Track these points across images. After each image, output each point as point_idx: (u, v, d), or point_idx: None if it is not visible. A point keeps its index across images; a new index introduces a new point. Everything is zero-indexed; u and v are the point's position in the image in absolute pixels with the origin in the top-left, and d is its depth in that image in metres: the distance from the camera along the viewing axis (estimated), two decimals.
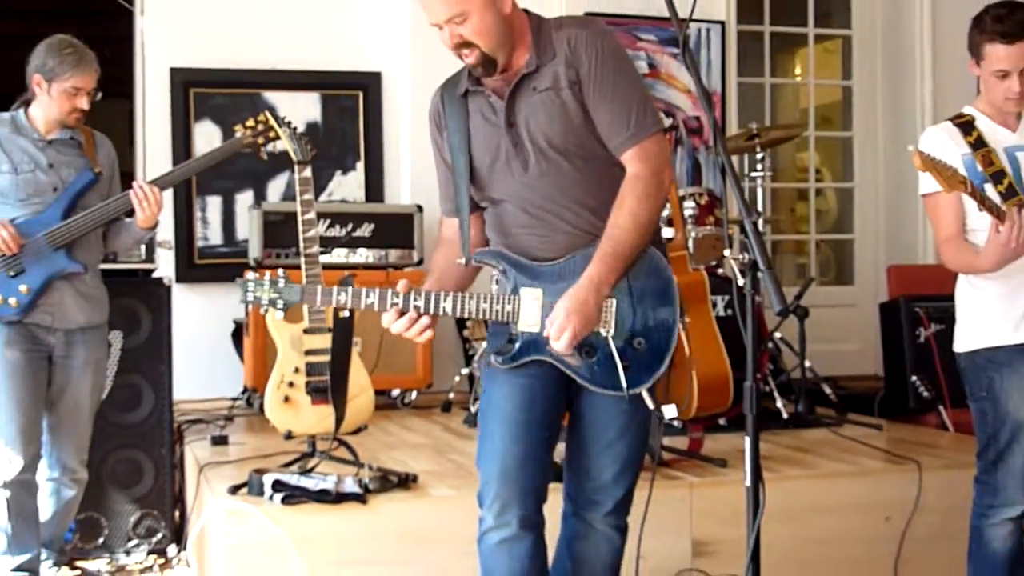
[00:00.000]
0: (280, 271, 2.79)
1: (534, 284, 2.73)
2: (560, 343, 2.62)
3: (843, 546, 4.02)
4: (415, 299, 2.67)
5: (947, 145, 3.28)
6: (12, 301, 3.78)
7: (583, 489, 2.89)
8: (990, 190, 3.20)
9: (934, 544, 4.03)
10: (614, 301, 2.71)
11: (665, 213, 4.62)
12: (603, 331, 2.71)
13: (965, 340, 3.37)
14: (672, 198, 4.64)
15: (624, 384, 2.71)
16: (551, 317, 2.64)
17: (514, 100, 2.74)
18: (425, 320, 2.68)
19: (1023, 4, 3.23)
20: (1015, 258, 3.08)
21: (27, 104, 3.95)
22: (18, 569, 3.87)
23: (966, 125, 3.30)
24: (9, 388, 3.81)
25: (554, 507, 2.92)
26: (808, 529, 3.97)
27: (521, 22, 2.76)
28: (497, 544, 2.76)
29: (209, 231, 6.12)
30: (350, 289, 2.72)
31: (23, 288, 3.79)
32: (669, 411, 2.82)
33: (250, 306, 2.76)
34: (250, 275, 2.79)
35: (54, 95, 3.86)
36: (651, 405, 2.77)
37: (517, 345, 2.73)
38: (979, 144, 3.26)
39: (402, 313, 2.67)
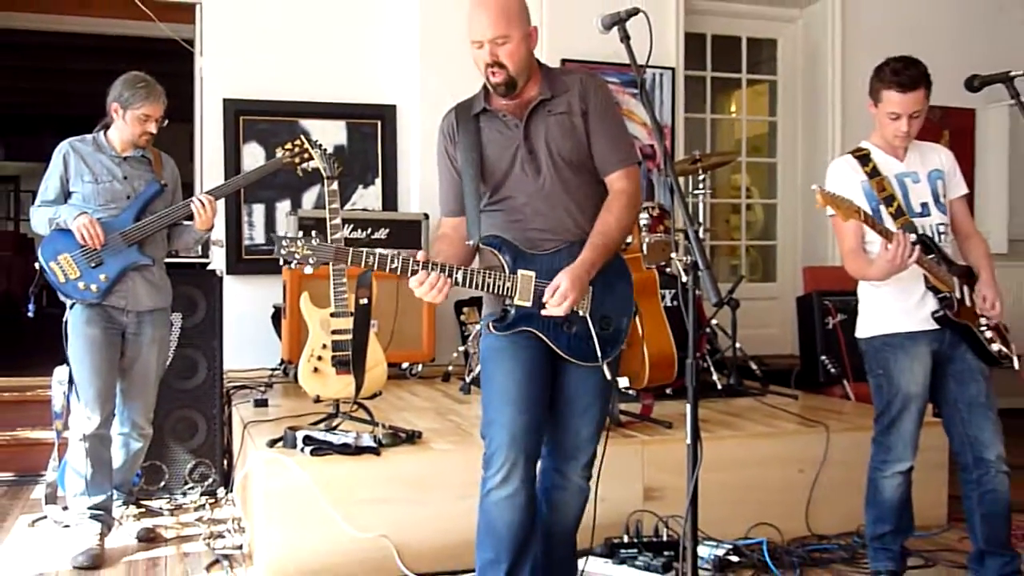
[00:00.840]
0: (314, 232, 2.71)
1: (529, 268, 2.72)
2: (560, 308, 2.63)
3: (765, 492, 4.04)
4: (432, 267, 2.63)
5: (850, 173, 3.31)
6: (93, 287, 3.77)
7: (564, 447, 2.88)
8: (884, 211, 3.23)
9: (838, 491, 4.06)
10: (592, 288, 2.73)
11: None
12: (581, 311, 2.73)
13: (866, 327, 3.39)
14: None
15: (599, 355, 2.73)
16: (552, 287, 2.64)
17: (531, 119, 2.78)
18: (442, 283, 2.61)
19: (917, 60, 3.24)
20: (899, 271, 3.11)
21: (106, 127, 3.93)
22: (94, 507, 3.86)
23: (863, 157, 3.32)
24: (89, 359, 3.80)
25: None
26: (737, 478, 3.98)
27: (535, 64, 2.82)
28: (502, 499, 2.72)
29: (254, 232, 6.10)
30: (377, 253, 2.65)
31: (102, 277, 3.78)
32: (623, 382, 2.84)
33: (283, 261, 2.63)
34: (287, 233, 2.67)
35: (128, 120, 3.84)
36: (609, 375, 2.79)
37: (511, 317, 2.73)
38: (874, 173, 3.29)
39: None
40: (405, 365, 5.59)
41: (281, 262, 2.67)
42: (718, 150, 6.99)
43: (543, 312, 2.67)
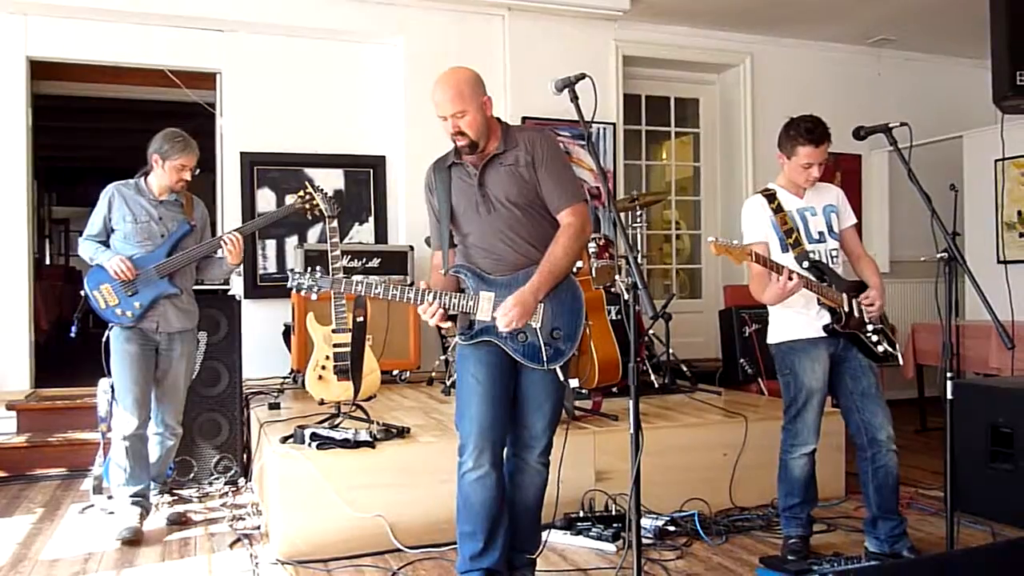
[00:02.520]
0: (319, 268, 2.84)
1: (489, 290, 2.77)
2: (505, 323, 2.70)
3: (695, 472, 4.05)
4: (408, 291, 2.75)
5: (760, 210, 3.36)
6: (128, 313, 3.75)
7: (521, 438, 2.90)
8: (786, 240, 3.29)
9: (755, 471, 4.08)
10: (542, 305, 2.77)
11: None
12: (534, 324, 2.76)
13: (775, 335, 3.42)
14: None
15: (545, 360, 2.76)
16: (501, 307, 2.72)
17: (486, 170, 2.82)
18: (440, 312, 2.75)
19: (821, 119, 3.29)
20: (786, 298, 3.18)
21: (146, 175, 3.91)
22: (134, 495, 3.83)
23: (770, 196, 3.37)
24: (129, 371, 3.77)
25: None
26: (672, 461, 3.99)
27: (494, 123, 2.87)
28: (475, 480, 2.78)
29: (267, 263, 6.06)
30: (364, 282, 2.82)
31: (136, 304, 3.75)
32: (573, 382, 2.91)
33: (294, 290, 2.82)
34: (297, 268, 2.85)
35: (166, 169, 3.83)
36: (562, 377, 2.82)
37: (474, 329, 2.79)
38: (779, 209, 3.33)
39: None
40: (395, 372, 5.56)
41: (294, 290, 2.82)
42: (652, 190, 7.04)
43: (497, 327, 2.74)
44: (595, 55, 6.44)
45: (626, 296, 4.53)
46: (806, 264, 3.23)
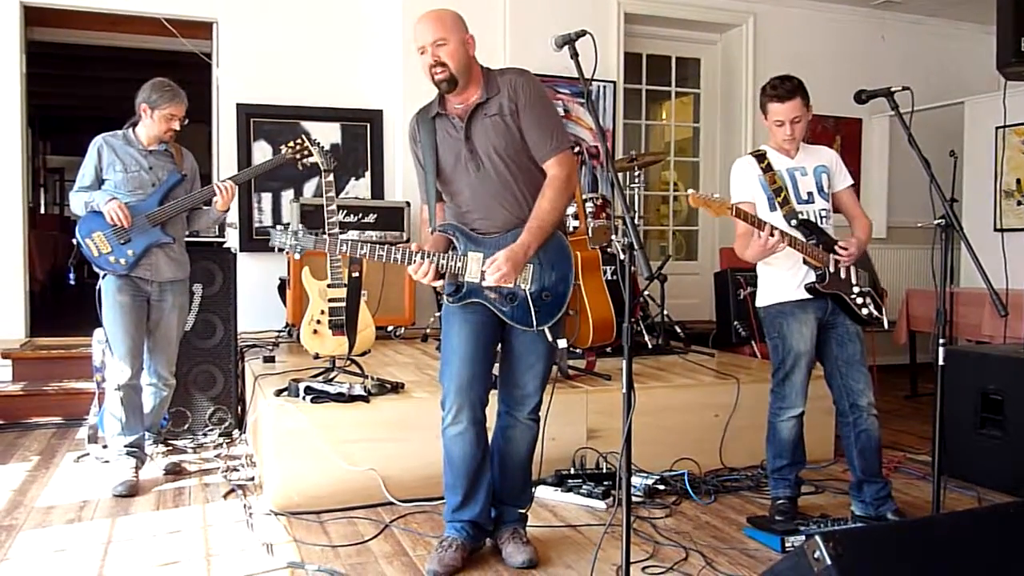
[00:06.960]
0: (301, 226, 2.79)
1: (478, 250, 2.74)
2: (495, 279, 2.65)
3: (687, 433, 4.07)
4: (395, 252, 2.68)
5: (748, 169, 3.34)
6: (122, 261, 3.73)
7: (512, 396, 2.91)
8: (774, 199, 3.28)
9: (745, 432, 4.10)
10: (531, 266, 2.74)
11: (572, 210, 4.63)
12: (523, 284, 2.73)
13: (764, 297, 3.41)
14: (577, 199, 4.66)
15: (535, 322, 2.74)
16: (490, 261, 2.67)
17: (471, 122, 2.75)
18: (432, 272, 2.69)
19: (791, 76, 3.29)
20: (768, 255, 3.18)
21: (134, 125, 3.87)
22: (129, 446, 3.84)
23: (760, 156, 3.35)
24: (121, 321, 3.76)
25: (492, 408, 2.94)
26: (664, 421, 4.01)
27: (477, 69, 2.79)
28: (455, 435, 2.81)
29: (263, 216, 6.04)
30: (350, 242, 2.77)
31: (130, 252, 3.73)
32: (562, 343, 2.88)
33: (276, 249, 2.76)
34: (278, 227, 2.78)
35: (155, 119, 3.78)
36: (550, 338, 2.81)
37: (463, 290, 2.76)
38: (768, 168, 3.31)
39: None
40: (390, 328, 5.57)
41: (275, 249, 2.77)
42: (651, 151, 6.99)
43: (484, 283, 2.70)
44: (596, 11, 6.35)
45: (622, 256, 4.52)
46: (794, 223, 3.21)
